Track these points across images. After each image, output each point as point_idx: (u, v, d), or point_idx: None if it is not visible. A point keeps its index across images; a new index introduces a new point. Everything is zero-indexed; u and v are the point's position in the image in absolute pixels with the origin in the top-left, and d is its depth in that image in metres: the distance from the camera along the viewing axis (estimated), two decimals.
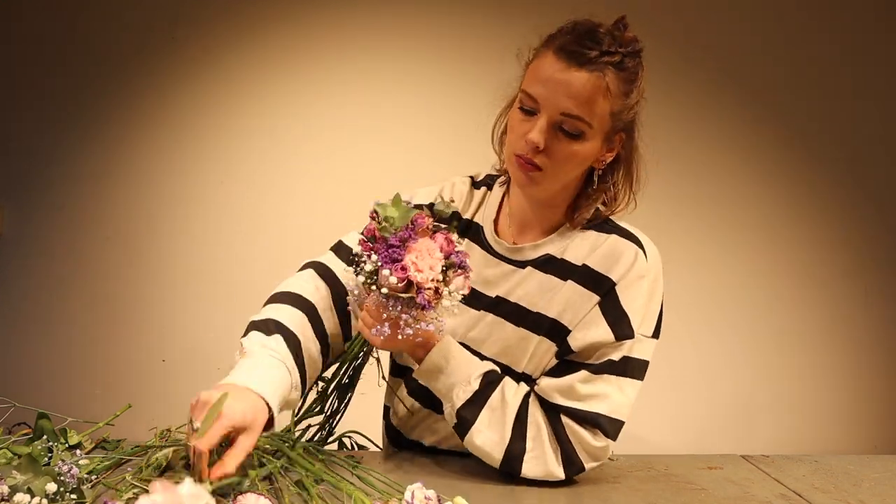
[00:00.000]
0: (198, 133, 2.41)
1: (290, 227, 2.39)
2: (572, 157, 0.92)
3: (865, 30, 2.44)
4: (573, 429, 0.93)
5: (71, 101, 2.39)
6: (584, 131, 0.90)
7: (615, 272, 0.95)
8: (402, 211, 0.86)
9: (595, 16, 0.96)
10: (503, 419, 0.94)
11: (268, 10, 2.39)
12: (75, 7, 2.38)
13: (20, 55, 2.38)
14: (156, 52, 2.39)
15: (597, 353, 0.94)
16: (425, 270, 0.83)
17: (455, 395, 0.95)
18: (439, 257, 0.85)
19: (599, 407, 0.93)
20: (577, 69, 0.88)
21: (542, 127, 0.90)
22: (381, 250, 0.84)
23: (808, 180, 2.46)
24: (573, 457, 0.93)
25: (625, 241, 0.98)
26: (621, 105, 0.92)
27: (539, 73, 0.91)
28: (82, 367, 2.37)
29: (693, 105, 2.42)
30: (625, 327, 0.94)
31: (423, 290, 0.83)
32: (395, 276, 0.82)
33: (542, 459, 0.94)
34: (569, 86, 0.88)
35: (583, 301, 0.96)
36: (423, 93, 2.38)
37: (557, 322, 0.97)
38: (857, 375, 2.47)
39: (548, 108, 0.89)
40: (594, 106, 0.89)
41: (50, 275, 2.39)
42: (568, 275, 0.98)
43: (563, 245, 1.00)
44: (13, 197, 2.39)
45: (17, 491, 0.70)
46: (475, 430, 0.94)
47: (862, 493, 0.97)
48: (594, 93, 0.88)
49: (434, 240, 0.86)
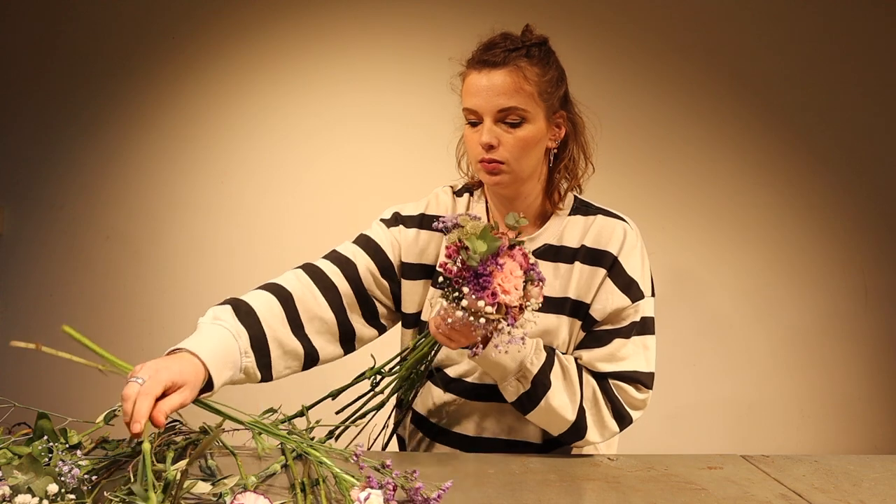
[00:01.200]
0: (198, 133, 2.41)
1: (290, 227, 2.39)
2: (524, 143, 1.04)
3: (866, 30, 2.44)
4: (620, 387, 1.08)
5: (71, 101, 2.39)
6: (524, 117, 1.03)
7: (613, 246, 1.09)
8: (490, 240, 0.89)
9: (595, 16, 1.01)
10: (570, 382, 1.05)
11: (267, 10, 2.39)
12: (75, 7, 2.38)
13: (20, 55, 2.38)
14: (155, 51, 2.39)
15: (619, 318, 1.08)
16: (511, 292, 0.89)
17: (529, 362, 1.02)
18: (520, 275, 0.91)
19: (637, 364, 1.08)
20: (495, 70, 1.03)
21: (488, 128, 1.03)
22: (470, 280, 0.88)
23: (808, 180, 2.46)
24: (622, 410, 1.08)
25: (610, 219, 1.12)
26: (544, 84, 1.05)
27: (469, 88, 1.05)
28: (82, 366, 2.36)
29: (693, 105, 2.42)
30: (636, 291, 1.08)
31: (511, 310, 0.90)
32: (487, 302, 0.87)
33: (599, 417, 1.06)
34: (493, 86, 1.02)
35: (592, 277, 1.09)
36: (423, 93, 2.38)
37: (577, 301, 1.09)
38: (857, 375, 2.47)
39: (486, 112, 1.03)
40: (521, 93, 1.02)
41: (50, 275, 2.39)
42: (572, 258, 1.10)
43: (557, 233, 1.12)
44: (13, 197, 2.39)
45: (18, 492, 0.70)
46: (552, 393, 1.03)
47: (862, 493, 0.97)
48: (515, 81, 1.02)
49: (514, 258, 0.91)
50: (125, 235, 2.40)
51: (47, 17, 2.38)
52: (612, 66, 2.33)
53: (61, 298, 2.39)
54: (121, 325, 2.39)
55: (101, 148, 2.40)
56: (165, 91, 2.40)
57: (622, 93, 2.34)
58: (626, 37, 2.35)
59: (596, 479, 0.99)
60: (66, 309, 2.38)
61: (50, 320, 2.38)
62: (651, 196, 2.39)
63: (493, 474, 0.97)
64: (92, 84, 2.39)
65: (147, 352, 2.39)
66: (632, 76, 2.35)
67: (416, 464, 1.03)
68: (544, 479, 0.98)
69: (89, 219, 2.40)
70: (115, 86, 2.39)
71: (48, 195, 2.39)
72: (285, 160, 2.41)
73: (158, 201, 2.40)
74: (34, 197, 2.39)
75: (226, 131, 2.41)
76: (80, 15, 2.38)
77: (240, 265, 2.39)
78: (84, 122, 2.39)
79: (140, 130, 2.40)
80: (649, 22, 2.37)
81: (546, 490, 0.93)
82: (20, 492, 0.70)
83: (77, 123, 2.39)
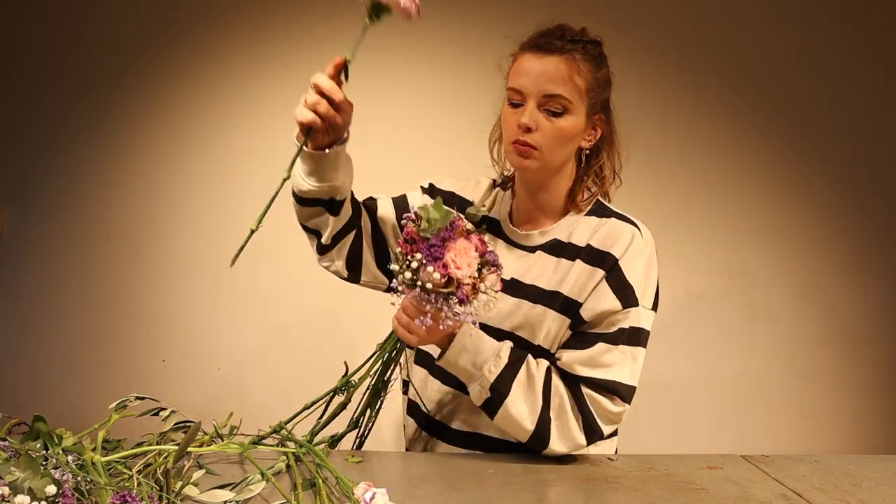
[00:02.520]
0: (198, 133, 2.41)
1: (290, 227, 2.38)
2: (561, 133, 1.05)
3: (868, 29, 2.44)
4: (593, 397, 1.03)
5: (71, 102, 2.39)
6: (567, 108, 1.04)
7: (616, 249, 1.06)
8: (443, 213, 0.94)
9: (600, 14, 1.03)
10: (533, 391, 1.03)
11: (267, 10, 2.38)
12: (75, 7, 2.38)
13: (20, 56, 2.38)
14: (155, 51, 2.39)
15: (607, 321, 1.05)
16: (463, 267, 0.92)
17: (487, 369, 1.02)
18: (475, 256, 0.93)
19: (617, 375, 1.04)
20: (550, 56, 1.04)
21: (530, 110, 1.04)
22: (423, 249, 0.92)
23: (808, 180, 2.46)
24: (594, 424, 1.03)
25: (622, 223, 1.10)
26: (593, 82, 1.06)
27: (519, 69, 1.06)
28: (82, 366, 2.37)
29: (692, 105, 2.42)
30: (630, 297, 1.05)
31: (463, 286, 0.91)
32: (438, 272, 0.90)
33: (566, 428, 1.02)
34: (546, 70, 1.03)
35: (590, 277, 1.06)
36: (424, 94, 2.38)
37: (569, 298, 1.07)
38: (856, 375, 2.47)
39: (532, 94, 1.04)
40: (570, 83, 1.03)
41: (50, 275, 2.38)
42: (575, 255, 1.09)
43: (569, 230, 1.12)
44: (13, 197, 2.39)
45: (17, 491, 0.70)
46: (509, 401, 1.02)
47: (862, 493, 0.97)
48: (568, 71, 1.03)
49: (469, 240, 0.94)
50: (125, 235, 2.40)
51: (47, 18, 2.38)
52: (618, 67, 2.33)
53: (61, 298, 2.39)
54: (121, 325, 2.38)
55: (101, 148, 2.39)
56: (166, 91, 2.40)
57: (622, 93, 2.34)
58: (625, 36, 2.35)
59: (596, 479, 0.99)
60: (66, 309, 2.38)
61: (50, 320, 2.38)
62: (651, 196, 2.39)
63: (493, 474, 0.97)
64: (92, 84, 2.39)
65: (147, 352, 2.40)
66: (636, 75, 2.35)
67: (415, 464, 1.03)
68: (544, 478, 0.98)
69: (89, 219, 2.39)
70: (116, 86, 2.39)
71: (48, 195, 2.39)
72: (285, 161, 2.40)
73: (159, 201, 2.40)
74: (34, 197, 2.39)
75: (226, 132, 2.41)
76: (80, 16, 2.38)
77: (240, 265, 2.38)
78: (84, 122, 2.39)
79: (140, 131, 2.40)
80: (653, 20, 2.37)
81: (546, 490, 0.93)
82: (19, 491, 0.70)
83: (77, 124, 2.39)
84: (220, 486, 0.87)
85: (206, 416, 0.98)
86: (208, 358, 2.37)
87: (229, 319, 2.38)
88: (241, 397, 2.35)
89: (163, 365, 2.37)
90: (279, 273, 2.35)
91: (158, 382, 2.35)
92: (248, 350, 2.37)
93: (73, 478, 0.76)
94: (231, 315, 2.38)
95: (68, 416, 2.25)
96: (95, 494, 0.77)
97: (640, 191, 2.39)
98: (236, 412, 1.08)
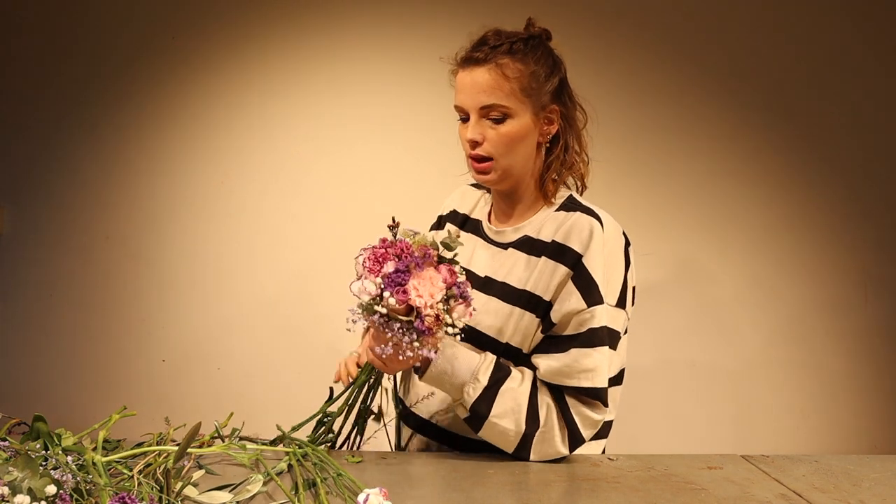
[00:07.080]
0: (198, 133, 2.41)
1: (291, 227, 2.39)
2: (508, 139, 1.07)
3: (867, 28, 2.44)
4: (578, 407, 1.03)
5: (71, 102, 2.39)
6: (507, 113, 1.06)
7: (577, 244, 1.05)
8: (416, 239, 0.93)
9: (599, 14, 1.01)
10: (516, 408, 1.02)
11: (267, 11, 2.38)
12: (76, 8, 2.38)
13: (20, 57, 2.38)
14: (155, 52, 2.39)
15: (573, 322, 1.03)
16: (425, 296, 0.89)
17: (466, 392, 1.02)
18: (441, 287, 0.91)
19: (597, 380, 1.03)
20: (478, 67, 1.06)
21: (472, 124, 1.07)
22: (386, 274, 0.90)
23: (808, 180, 2.45)
24: (577, 434, 1.03)
25: (586, 216, 1.08)
26: (528, 78, 1.07)
27: (457, 86, 1.10)
28: (82, 366, 2.36)
29: (692, 105, 2.42)
30: (594, 294, 1.03)
31: (423, 316, 0.89)
32: (396, 298, 0.88)
33: (549, 437, 1.02)
34: (476, 83, 1.06)
35: (554, 273, 1.05)
36: (424, 93, 2.38)
37: (534, 295, 1.06)
38: (856, 375, 2.47)
39: (472, 109, 1.07)
40: (500, 90, 1.05)
41: (50, 275, 2.38)
42: (541, 251, 1.08)
43: (538, 226, 1.11)
44: (13, 197, 2.39)
45: (16, 491, 0.70)
46: (490, 422, 1.02)
47: (862, 493, 0.97)
48: (496, 79, 1.05)
49: (438, 271, 0.92)
50: (125, 235, 2.40)
51: (48, 19, 2.38)
52: (610, 62, 2.33)
53: (61, 298, 2.39)
54: (121, 325, 2.38)
55: (101, 148, 2.39)
56: (166, 92, 2.40)
57: (621, 92, 2.34)
58: (625, 35, 2.35)
59: (596, 479, 0.99)
60: (66, 309, 2.38)
61: (50, 320, 2.38)
62: (651, 195, 2.38)
63: (493, 474, 0.97)
64: (92, 85, 2.39)
65: (146, 352, 2.40)
66: (632, 72, 2.35)
67: (414, 464, 1.03)
68: (544, 479, 0.98)
69: (89, 219, 2.39)
70: (116, 86, 2.39)
71: (48, 195, 2.39)
72: (286, 161, 2.41)
73: (159, 202, 2.40)
74: (34, 197, 2.39)
75: (226, 132, 2.41)
76: (80, 16, 2.38)
77: (240, 266, 2.39)
78: (84, 122, 2.39)
79: (140, 131, 2.40)
80: (654, 19, 2.37)
81: (546, 490, 0.93)
82: (19, 491, 0.70)
83: (77, 123, 2.39)
84: (220, 486, 0.87)
85: (206, 416, 0.98)
86: (208, 358, 2.37)
87: (229, 319, 2.38)
88: (241, 397, 2.35)
89: (163, 365, 2.37)
90: (279, 273, 2.35)
91: (158, 382, 2.35)
92: (248, 350, 2.37)
93: (73, 478, 0.76)
94: (231, 315, 2.38)
95: (68, 416, 2.25)
96: (95, 495, 0.77)
97: (641, 191, 2.40)
98: (236, 412, 1.08)
